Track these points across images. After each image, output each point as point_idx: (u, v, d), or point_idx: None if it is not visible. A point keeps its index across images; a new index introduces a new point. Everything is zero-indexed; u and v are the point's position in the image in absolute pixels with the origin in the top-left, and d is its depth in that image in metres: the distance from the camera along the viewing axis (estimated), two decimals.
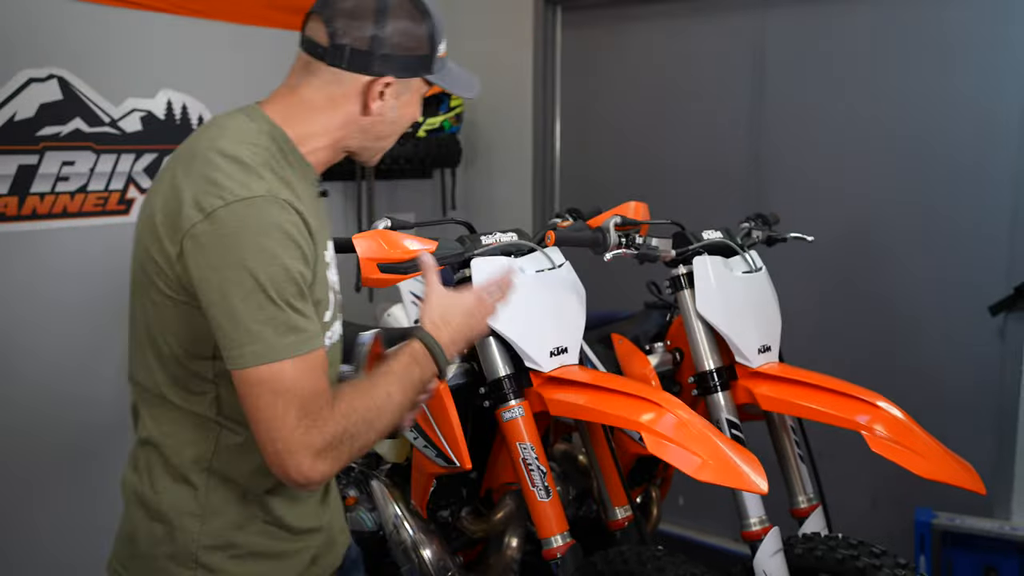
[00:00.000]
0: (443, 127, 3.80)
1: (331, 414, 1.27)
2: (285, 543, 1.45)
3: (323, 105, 1.41)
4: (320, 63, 1.39)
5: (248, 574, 1.41)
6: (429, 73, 1.44)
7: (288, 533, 1.45)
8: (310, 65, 1.40)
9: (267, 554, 1.43)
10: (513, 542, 2.36)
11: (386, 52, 1.38)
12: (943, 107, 3.07)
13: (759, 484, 1.78)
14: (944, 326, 3.11)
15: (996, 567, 2.86)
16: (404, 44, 1.39)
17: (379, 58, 1.38)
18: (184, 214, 1.27)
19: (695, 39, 3.63)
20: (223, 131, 1.36)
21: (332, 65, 1.38)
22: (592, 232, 2.12)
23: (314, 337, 1.28)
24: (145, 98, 3.04)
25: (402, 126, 1.48)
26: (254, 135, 1.36)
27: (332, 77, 1.39)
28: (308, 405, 1.25)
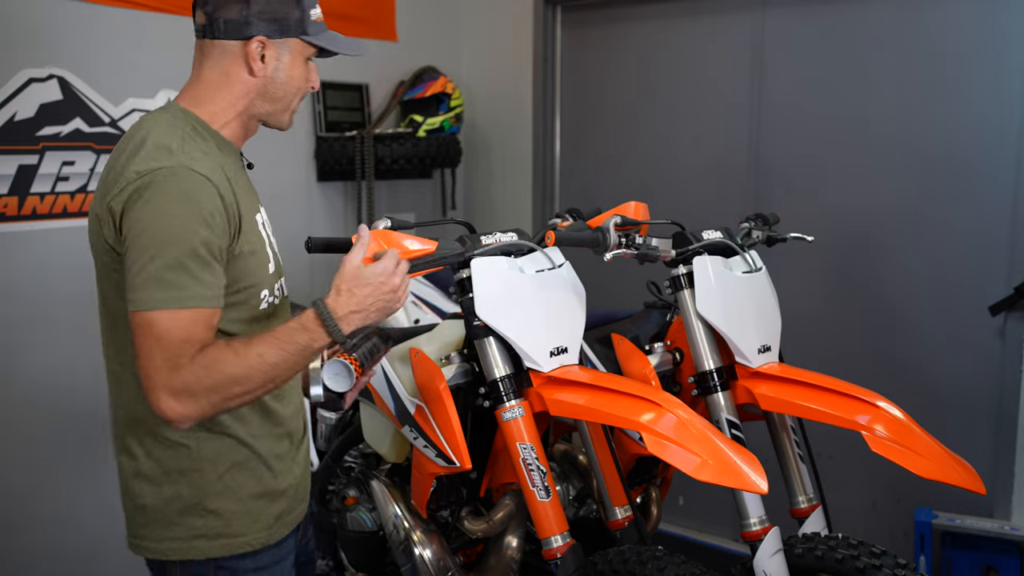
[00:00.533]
0: (443, 127, 3.80)
1: (192, 363, 1.43)
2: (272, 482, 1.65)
3: (220, 80, 1.62)
4: (205, 41, 1.62)
5: (248, 512, 1.61)
6: (304, 35, 1.63)
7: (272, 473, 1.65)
8: (202, 47, 1.63)
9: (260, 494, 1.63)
10: (513, 542, 2.36)
11: (253, 18, 1.58)
12: (943, 107, 3.07)
13: (759, 484, 1.78)
14: (944, 326, 3.11)
15: (996, 567, 2.86)
16: (270, 10, 1.59)
17: (248, 24, 1.58)
18: (113, 190, 1.49)
19: (695, 39, 3.63)
20: (143, 124, 1.58)
21: (213, 39, 1.60)
22: (592, 232, 2.12)
23: (195, 297, 1.45)
24: (145, 98, 3.04)
25: (295, 86, 1.66)
26: (170, 122, 1.57)
27: (218, 51, 1.61)
28: (173, 351, 1.42)
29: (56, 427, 2.90)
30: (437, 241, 2.00)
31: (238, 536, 1.61)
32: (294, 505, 1.73)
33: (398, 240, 1.96)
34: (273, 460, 1.66)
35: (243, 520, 1.61)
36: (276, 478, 1.66)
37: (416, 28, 3.98)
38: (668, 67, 3.71)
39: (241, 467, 1.61)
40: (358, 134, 3.65)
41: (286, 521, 1.70)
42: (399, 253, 1.66)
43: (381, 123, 3.79)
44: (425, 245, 1.98)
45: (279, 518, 1.67)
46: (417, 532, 2.32)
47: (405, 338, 2.34)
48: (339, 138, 3.63)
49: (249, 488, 1.62)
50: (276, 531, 1.66)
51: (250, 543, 1.62)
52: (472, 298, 2.01)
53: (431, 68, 3.92)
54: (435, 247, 1.98)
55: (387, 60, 3.84)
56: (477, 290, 2.01)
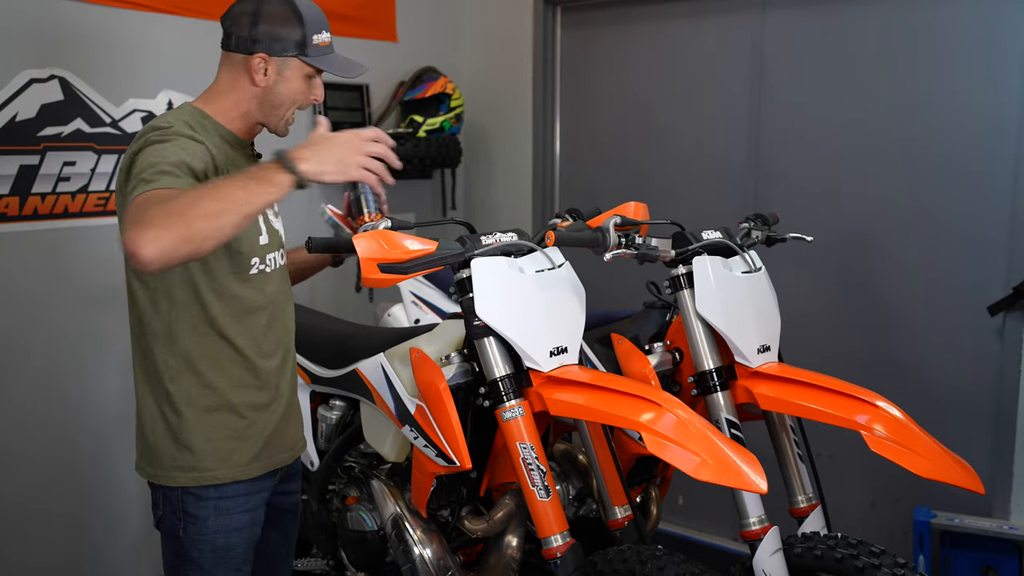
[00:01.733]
0: (443, 127, 3.80)
1: (156, 204, 1.54)
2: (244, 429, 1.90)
3: (229, 85, 1.90)
4: (224, 52, 1.92)
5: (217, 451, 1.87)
6: (304, 55, 1.88)
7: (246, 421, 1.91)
8: (223, 56, 1.92)
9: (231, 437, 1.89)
10: (513, 541, 2.37)
11: (259, 36, 1.86)
12: (942, 106, 3.08)
13: (758, 483, 1.79)
14: (943, 326, 3.12)
15: (995, 566, 2.87)
16: (274, 31, 1.86)
17: (255, 41, 1.86)
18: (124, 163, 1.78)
19: (694, 39, 3.64)
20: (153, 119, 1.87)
21: (227, 50, 1.90)
22: (592, 232, 2.12)
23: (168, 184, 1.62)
24: (146, 99, 3.04)
25: (291, 98, 1.91)
26: (174, 113, 1.87)
27: (229, 60, 1.90)
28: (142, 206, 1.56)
29: (58, 426, 2.90)
30: (437, 241, 2.01)
31: (208, 471, 1.87)
32: (272, 452, 1.97)
33: (398, 240, 1.97)
34: (246, 409, 1.90)
35: (213, 458, 1.87)
36: (250, 426, 1.91)
37: (416, 28, 3.98)
38: (668, 67, 3.72)
39: (214, 412, 1.87)
40: None
41: (260, 464, 1.94)
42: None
43: (381, 123, 3.80)
44: (425, 245, 1.98)
45: (253, 459, 1.92)
46: (417, 532, 2.33)
47: (405, 338, 2.34)
48: None
49: (220, 431, 1.88)
50: (247, 470, 1.91)
51: (218, 478, 1.88)
52: (472, 298, 2.02)
53: (431, 68, 3.93)
54: (435, 247, 1.99)
55: (387, 61, 3.85)
56: (477, 290, 2.01)
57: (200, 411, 1.87)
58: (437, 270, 2.07)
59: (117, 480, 3.06)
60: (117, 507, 3.08)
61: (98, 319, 2.94)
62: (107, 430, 3.02)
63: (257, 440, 1.93)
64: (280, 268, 2.00)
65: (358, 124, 3.74)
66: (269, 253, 1.94)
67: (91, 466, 3.00)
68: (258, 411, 1.93)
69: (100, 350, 2.97)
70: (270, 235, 1.95)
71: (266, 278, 1.93)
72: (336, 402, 2.61)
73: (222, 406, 1.88)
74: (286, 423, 2.01)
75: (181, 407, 1.86)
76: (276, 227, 2.00)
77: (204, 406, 1.87)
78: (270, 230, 1.96)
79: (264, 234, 1.93)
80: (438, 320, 2.71)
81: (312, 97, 1.94)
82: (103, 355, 2.97)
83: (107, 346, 2.96)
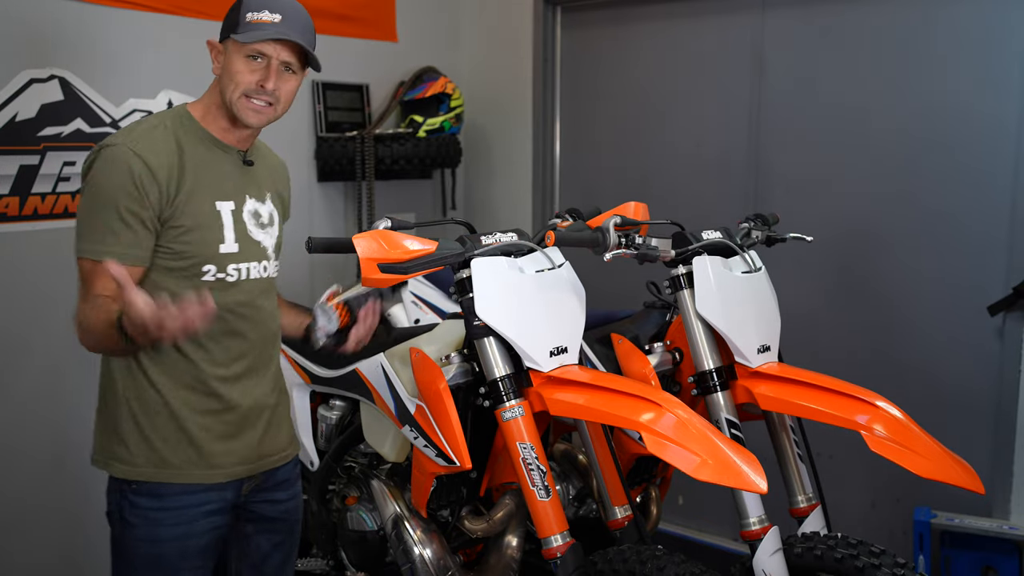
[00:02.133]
0: (443, 127, 3.80)
1: (90, 308, 1.76)
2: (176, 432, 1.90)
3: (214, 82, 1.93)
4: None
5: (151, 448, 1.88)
6: (235, 33, 1.84)
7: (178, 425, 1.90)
8: None
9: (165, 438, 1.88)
10: (513, 541, 2.37)
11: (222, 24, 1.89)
12: (942, 106, 3.08)
13: (758, 483, 1.79)
14: (943, 326, 3.12)
15: (995, 566, 2.87)
16: (225, 19, 1.88)
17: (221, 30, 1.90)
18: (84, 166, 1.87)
19: (694, 39, 3.64)
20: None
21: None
22: (592, 232, 2.12)
23: (102, 253, 1.76)
24: (146, 99, 3.04)
25: (234, 80, 1.86)
26: (157, 116, 1.91)
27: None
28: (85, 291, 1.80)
29: (58, 424, 2.90)
30: (437, 241, 2.01)
31: (138, 467, 1.88)
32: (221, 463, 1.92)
33: (398, 240, 1.97)
34: (189, 413, 1.88)
35: (145, 455, 1.87)
36: (186, 431, 1.88)
37: (416, 28, 3.98)
38: (668, 67, 3.72)
39: (150, 411, 1.87)
40: (358, 134, 3.65)
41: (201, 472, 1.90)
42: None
43: (381, 123, 3.80)
44: (425, 245, 1.98)
45: (191, 464, 1.89)
46: (417, 532, 2.33)
47: (405, 338, 2.34)
48: (339, 138, 3.63)
49: (156, 431, 1.87)
50: (177, 474, 1.88)
51: (144, 475, 1.87)
52: (472, 298, 2.02)
53: (431, 68, 3.93)
54: (435, 247, 1.99)
55: (387, 61, 3.85)
56: (477, 290, 2.01)
57: (140, 408, 1.87)
58: (437, 270, 2.07)
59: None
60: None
61: None
62: None
63: (195, 446, 1.89)
64: (256, 280, 1.95)
65: (358, 124, 3.74)
66: (236, 263, 1.90)
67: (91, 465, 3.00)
68: (201, 416, 1.89)
69: None
70: (243, 245, 1.92)
71: (227, 287, 1.89)
72: (336, 402, 2.61)
73: (161, 407, 1.87)
74: (242, 434, 1.95)
75: (125, 400, 1.88)
76: (257, 238, 1.95)
77: (145, 404, 1.87)
78: (245, 240, 1.92)
79: (231, 243, 1.89)
80: (438, 320, 2.71)
81: (255, 81, 1.85)
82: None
83: None
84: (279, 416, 2.05)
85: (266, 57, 1.85)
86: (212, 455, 1.91)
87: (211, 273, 1.87)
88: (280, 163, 2.14)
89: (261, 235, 1.96)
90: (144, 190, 1.78)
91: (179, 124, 1.89)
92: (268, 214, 2.00)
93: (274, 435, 2.02)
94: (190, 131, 1.89)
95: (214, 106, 1.91)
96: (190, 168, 1.85)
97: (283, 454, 2.05)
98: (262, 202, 1.98)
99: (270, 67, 1.85)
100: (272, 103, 1.88)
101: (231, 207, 1.91)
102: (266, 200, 2.00)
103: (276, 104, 1.89)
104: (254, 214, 1.95)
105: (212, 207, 1.88)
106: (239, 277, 1.91)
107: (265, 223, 1.98)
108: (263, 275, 1.97)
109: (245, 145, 1.96)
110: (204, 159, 1.88)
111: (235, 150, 1.94)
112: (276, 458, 2.03)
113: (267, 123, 1.92)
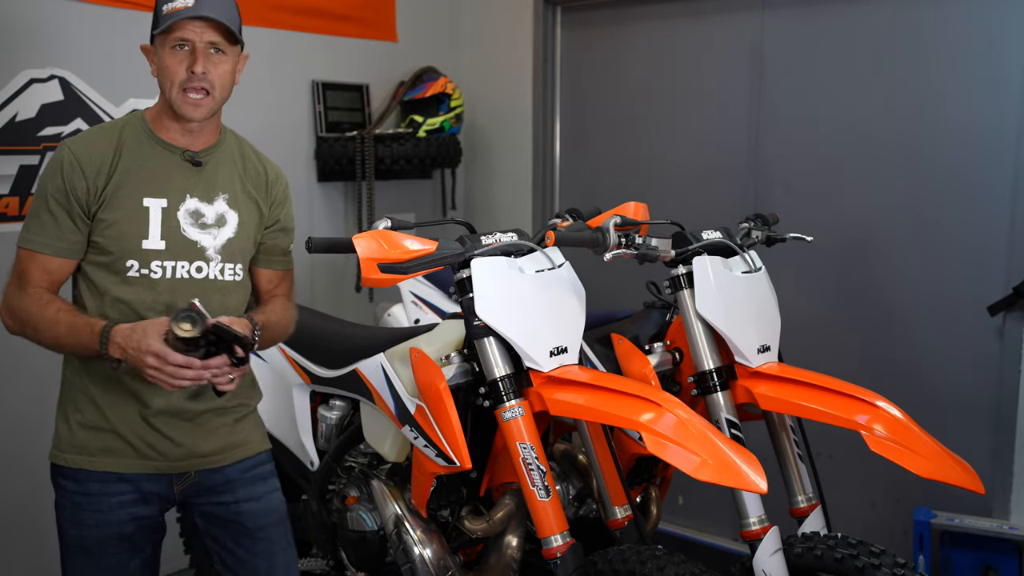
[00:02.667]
0: (443, 127, 3.80)
1: (19, 292, 1.87)
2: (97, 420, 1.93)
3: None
4: None
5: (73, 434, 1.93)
6: (156, 27, 1.86)
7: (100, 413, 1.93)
8: None
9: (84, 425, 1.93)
10: (513, 541, 2.37)
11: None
12: (942, 106, 3.08)
13: (758, 483, 1.79)
14: (943, 326, 3.12)
15: (995, 566, 2.87)
16: (155, 15, 1.88)
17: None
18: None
19: (694, 40, 3.64)
20: None
21: None
22: (592, 232, 2.13)
23: (31, 242, 1.88)
24: (146, 99, 3.04)
25: (167, 76, 1.87)
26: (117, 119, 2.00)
27: None
28: (15, 277, 1.90)
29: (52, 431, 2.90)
30: (437, 241, 2.01)
31: (64, 452, 1.93)
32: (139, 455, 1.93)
33: (398, 240, 1.97)
34: (105, 403, 1.91)
35: (69, 441, 1.93)
36: (103, 419, 1.91)
37: (416, 28, 3.98)
38: (668, 67, 3.72)
39: (78, 400, 1.93)
40: (358, 134, 3.65)
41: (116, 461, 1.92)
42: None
43: (381, 123, 3.80)
44: (425, 245, 1.99)
45: (105, 452, 1.91)
46: (417, 532, 2.33)
47: (405, 338, 2.34)
48: (339, 138, 3.63)
49: (80, 418, 1.92)
50: (94, 461, 1.91)
51: (67, 460, 1.92)
52: (472, 298, 2.02)
53: (431, 68, 3.93)
54: (435, 247, 1.99)
55: (387, 61, 3.85)
56: (477, 290, 2.02)
57: (69, 394, 1.95)
58: (437, 270, 2.07)
59: None
60: None
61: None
62: None
63: (112, 437, 1.91)
64: (187, 281, 1.91)
65: (358, 124, 3.74)
66: (160, 260, 1.89)
67: None
68: (120, 409, 1.91)
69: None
70: (172, 243, 1.90)
71: (152, 284, 1.88)
72: (336, 402, 2.61)
73: (87, 397, 1.92)
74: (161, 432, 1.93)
75: (66, 390, 1.96)
76: (193, 238, 1.92)
77: (73, 390, 1.94)
78: (175, 238, 1.90)
79: (156, 239, 1.89)
80: (438, 320, 2.71)
81: (187, 69, 1.84)
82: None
83: None
84: (215, 421, 1.99)
85: (189, 42, 1.84)
86: (128, 447, 1.92)
87: (134, 268, 1.88)
88: (271, 173, 2.08)
89: (199, 235, 1.93)
90: (70, 183, 1.85)
91: (128, 125, 1.94)
92: (216, 215, 1.95)
93: (204, 438, 1.98)
94: (137, 131, 1.93)
95: (162, 108, 1.93)
96: (123, 164, 1.88)
97: (214, 458, 2.00)
98: (208, 203, 1.95)
99: (196, 51, 1.84)
100: (208, 90, 1.87)
101: (162, 204, 1.90)
102: (215, 201, 1.95)
103: (212, 91, 1.88)
104: (193, 213, 1.93)
105: (139, 203, 1.88)
106: (163, 275, 1.89)
107: (208, 223, 1.94)
108: (196, 276, 1.92)
109: (197, 145, 1.95)
110: (142, 156, 1.91)
111: (180, 150, 1.94)
112: (205, 460, 1.99)
113: (209, 114, 1.90)
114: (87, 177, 1.85)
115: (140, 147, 1.91)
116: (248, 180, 2.02)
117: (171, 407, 1.93)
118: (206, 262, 1.94)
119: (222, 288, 1.96)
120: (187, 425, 1.96)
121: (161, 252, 1.89)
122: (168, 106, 1.89)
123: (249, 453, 2.06)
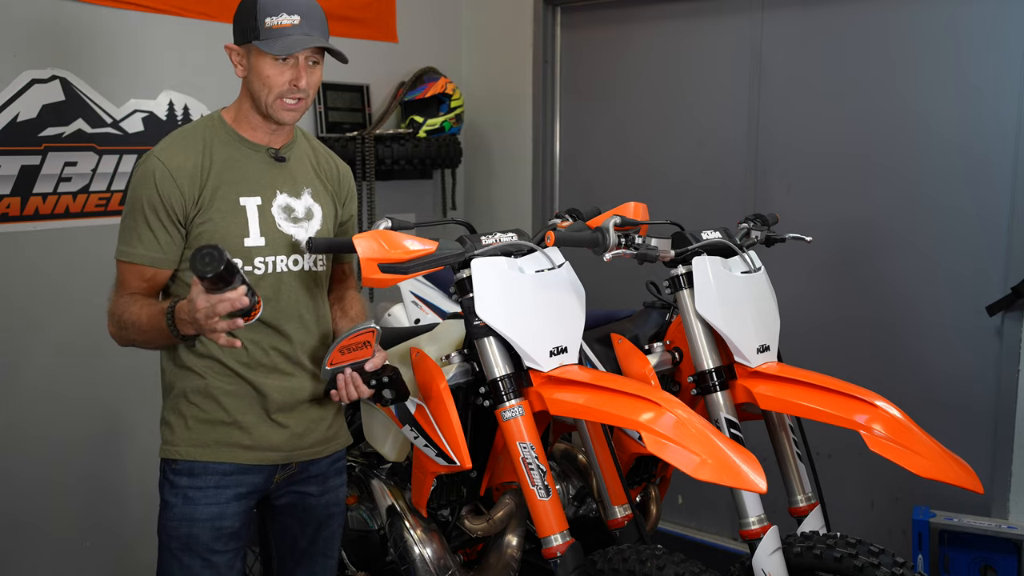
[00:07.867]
0: (443, 127, 3.81)
1: (117, 300, 1.94)
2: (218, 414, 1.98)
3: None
4: None
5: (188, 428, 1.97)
6: (257, 40, 1.89)
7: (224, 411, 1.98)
8: None
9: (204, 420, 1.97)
10: (513, 541, 2.37)
11: (234, 29, 1.94)
12: (941, 106, 3.08)
13: (758, 483, 1.79)
14: (942, 326, 3.12)
15: (993, 565, 2.87)
16: (240, 21, 1.93)
17: (233, 34, 1.94)
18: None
19: (694, 40, 3.64)
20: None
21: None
22: (592, 232, 2.13)
23: (128, 254, 1.91)
24: (147, 99, 3.05)
25: (265, 83, 1.91)
26: (195, 123, 2.02)
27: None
28: (119, 286, 1.96)
29: (59, 424, 2.91)
30: (437, 241, 2.01)
31: (177, 446, 1.97)
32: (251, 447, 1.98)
33: (398, 240, 1.97)
34: (222, 395, 1.95)
35: (183, 435, 1.96)
36: (216, 412, 1.96)
37: (416, 29, 3.98)
38: (668, 67, 3.72)
39: (190, 394, 1.96)
40: (359, 135, 3.65)
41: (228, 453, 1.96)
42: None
43: (382, 124, 3.80)
44: (425, 245, 1.99)
45: (220, 444, 1.96)
46: (417, 531, 2.33)
47: (405, 338, 2.35)
48: (340, 139, 3.64)
49: (193, 412, 1.96)
50: (206, 452, 1.96)
51: (182, 453, 1.96)
52: (472, 298, 2.02)
53: (431, 69, 3.93)
54: (435, 247, 1.99)
55: (387, 61, 3.85)
56: (477, 290, 2.02)
57: (180, 389, 1.97)
58: (437, 270, 2.07)
59: (117, 480, 3.06)
60: (117, 508, 3.09)
61: (99, 319, 2.90)
62: (107, 430, 3.02)
63: (229, 429, 1.95)
64: (287, 274, 1.99)
65: (359, 125, 3.75)
66: (262, 256, 1.95)
67: (91, 465, 3.01)
68: (236, 400, 1.96)
69: (101, 350, 2.97)
70: (270, 238, 1.97)
71: (255, 280, 1.93)
72: None
73: (201, 391, 1.95)
74: (275, 422, 1.99)
75: (169, 383, 2.00)
76: (288, 232, 1.99)
77: (183, 386, 1.96)
78: (273, 233, 1.97)
79: (256, 237, 1.95)
80: (438, 320, 2.72)
81: (290, 82, 1.90)
82: (104, 355, 2.97)
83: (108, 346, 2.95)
84: (320, 413, 2.08)
85: (294, 57, 1.90)
86: (247, 436, 1.97)
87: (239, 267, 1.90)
88: (341, 168, 2.16)
89: (292, 229, 2.00)
90: (164, 193, 1.88)
91: (209, 128, 1.97)
92: (305, 209, 2.03)
93: (312, 429, 2.06)
94: (219, 133, 1.97)
95: (244, 108, 1.97)
96: (215, 168, 1.92)
97: (315, 449, 2.08)
98: (296, 197, 2.02)
99: (299, 66, 1.91)
100: (302, 98, 1.94)
101: (257, 202, 1.96)
102: (302, 195, 2.03)
103: (306, 98, 1.95)
104: (285, 208, 2.00)
105: (236, 202, 1.94)
106: (265, 271, 1.96)
107: (299, 217, 2.02)
108: (293, 269, 2.00)
109: (277, 143, 2.01)
110: (231, 158, 1.95)
111: (264, 148, 2.00)
112: (308, 451, 2.07)
113: (300, 117, 1.98)
114: (180, 185, 1.89)
115: (227, 148, 1.96)
116: (322, 174, 2.10)
117: (289, 401, 2.00)
118: (301, 255, 2.01)
119: (317, 278, 2.05)
120: (299, 417, 2.03)
121: (262, 248, 1.95)
122: (256, 108, 1.94)
123: (340, 447, 2.17)
